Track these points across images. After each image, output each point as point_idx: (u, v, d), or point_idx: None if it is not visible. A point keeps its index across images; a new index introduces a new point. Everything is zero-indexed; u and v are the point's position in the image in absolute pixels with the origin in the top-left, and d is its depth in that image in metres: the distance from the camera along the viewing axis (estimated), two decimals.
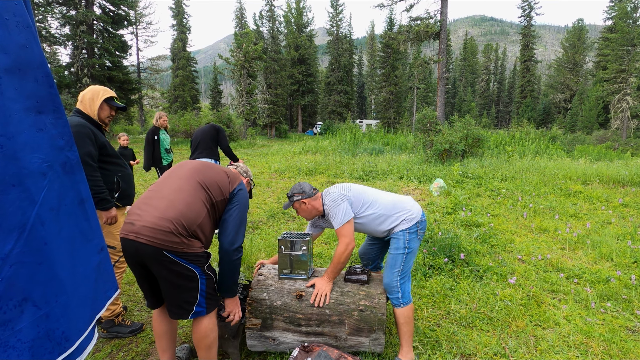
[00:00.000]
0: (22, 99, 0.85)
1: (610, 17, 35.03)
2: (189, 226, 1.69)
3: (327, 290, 2.14)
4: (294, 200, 2.26)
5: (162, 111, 5.81)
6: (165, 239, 1.61)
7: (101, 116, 2.41)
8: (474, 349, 2.36)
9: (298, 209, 2.29)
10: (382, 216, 2.20)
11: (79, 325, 1.00)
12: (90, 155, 2.21)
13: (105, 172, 2.35)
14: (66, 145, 0.97)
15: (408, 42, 20.18)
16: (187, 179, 1.85)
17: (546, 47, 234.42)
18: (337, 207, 2.14)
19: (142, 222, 1.64)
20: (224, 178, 1.95)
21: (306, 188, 2.27)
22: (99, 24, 22.75)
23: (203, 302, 1.78)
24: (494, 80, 60.26)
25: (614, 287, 3.13)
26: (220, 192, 1.88)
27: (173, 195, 1.76)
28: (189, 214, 1.70)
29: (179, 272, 1.68)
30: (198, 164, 1.99)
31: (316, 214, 2.32)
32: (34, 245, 0.86)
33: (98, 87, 2.43)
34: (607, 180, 7.66)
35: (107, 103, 2.42)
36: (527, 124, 23.63)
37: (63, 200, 0.95)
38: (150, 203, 1.74)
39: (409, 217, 2.18)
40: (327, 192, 2.28)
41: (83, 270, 1.02)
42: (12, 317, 0.82)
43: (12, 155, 0.82)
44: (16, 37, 0.85)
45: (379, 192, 2.32)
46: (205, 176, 1.89)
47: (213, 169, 1.98)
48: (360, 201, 2.21)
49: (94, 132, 2.29)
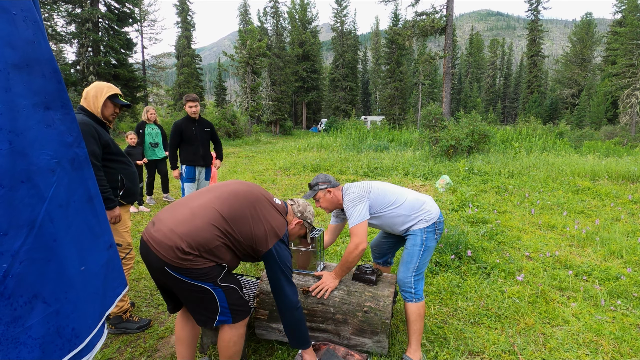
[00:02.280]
0: (30, 94, 0.84)
1: (619, 11, 34.42)
2: (198, 247, 1.54)
3: (330, 286, 2.15)
4: (318, 189, 2.23)
5: (151, 107, 5.85)
6: (170, 252, 1.50)
7: (105, 114, 2.37)
8: (482, 347, 2.34)
9: (321, 198, 2.25)
10: (400, 216, 2.18)
11: (89, 322, 1.00)
12: (94, 154, 2.19)
13: (110, 171, 2.34)
14: (75, 142, 0.97)
15: (413, 37, 20.02)
16: (214, 201, 1.66)
17: (553, 41, 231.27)
18: (354, 208, 2.12)
19: (158, 227, 1.56)
20: (263, 228, 1.69)
21: (330, 178, 2.26)
22: (104, 21, 22.82)
23: (227, 312, 1.67)
24: (501, 76, 59.56)
25: (624, 284, 3.09)
26: (252, 239, 1.67)
27: (197, 210, 1.62)
28: (197, 238, 1.55)
29: (189, 289, 1.58)
30: (244, 190, 1.77)
31: (337, 205, 2.30)
32: (43, 241, 0.85)
33: (102, 83, 2.38)
34: (616, 176, 7.56)
35: (111, 100, 2.37)
36: (534, 119, 23.38)
37: (72, 196, 0.95)
38: (175, 209, 1.65)
39: (427, 217, 2.17)
40: (347, 189, 2.24)
41: (92, 267, 1.02)
42: (22, 314, 0.82)
43: (21, 151, 0.81)
44: (24, 32, 0.84)
45: (400, 192, 2.25)
46: (240, 214, 1.66)
47: (257, 205, 1.73)
48: (380, 203, 2.19)
49: (97, 130, 2.26)
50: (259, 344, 2.34)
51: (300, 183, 7.84)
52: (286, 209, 1.96)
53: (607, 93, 32.21)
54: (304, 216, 2.04)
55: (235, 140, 20.07)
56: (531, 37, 46.75)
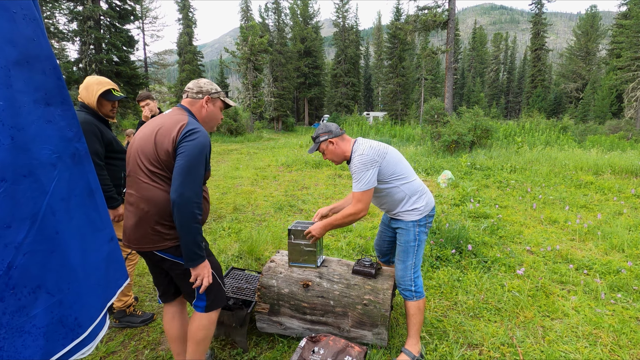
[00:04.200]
0: (31, 91, 0.86)
1: (625, 3, 33.96)
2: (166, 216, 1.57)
3: (315, 234, 2.18)
4: (320, 141, 2.09)
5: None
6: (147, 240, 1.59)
7: (103, 111, 2.31)
8: (481, 339, 2.36)
9: (325, 150, 2.12)
10: (402, 193, 2.09)
11: (91, 312, 1.02)
12: (97, 153, 2.18)
13: (113, 168, 2.34)
14: (75, 137, 0.99)
15: (415, 32, 19.88)
16: (137, 159, 1.61)
17: (558, 35, 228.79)
18: (363, 172, 1.97)
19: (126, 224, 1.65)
20: (168, 139, 1.55)
21: (332, 127, 2.11)
22: (106, 19, 22.84)
23: (203, 297, 1.72)
24: (504, 70, 59.12)
25: (625, 278, 3.10)
26: (166, 153, 1.55)
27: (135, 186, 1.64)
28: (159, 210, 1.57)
29: (170, 267, 1.67)
30: (142, 135, 1.65)
31: (344, 158, 2.13)
32: (45, 234, 0.88)
33: (92, 80, 2.26)
34: (620, 170, 7.52)
35: (104, 98, 2.27)
36: (538, 114, 23.17)
37: (73, 190, 0.97)
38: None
39: (423, 208, 2.12)
40: (360, 146, 2.06)
41: (94, 259, 1.05)
42: (26, 304, 0.85)
43: (22, 146, 0.84)
44: (24, 30, 0.86)
45: (411, 170, 2.19)
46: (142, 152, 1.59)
47: (144, 137, 1.61)
48: (390, 172, 2.05)
49: (100, 129, 2.23)
50: (260, 337, 2.37)
51: (302, 179, 7.86)
52: (188, 108, 1.76)
53: (611, 87, 31.86)
54: (203, 91, 1.77)
55: (237, 137, 20.10)
56: (535, 30, 46.26)
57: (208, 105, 1.79)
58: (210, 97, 1.79)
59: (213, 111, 1.82)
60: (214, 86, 1.83)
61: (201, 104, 1.77)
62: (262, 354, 2.22)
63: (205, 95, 1.77)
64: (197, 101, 1.77)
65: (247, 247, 3.68)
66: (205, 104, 1.77)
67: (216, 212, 5.31)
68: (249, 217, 5.10)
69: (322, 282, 2.22)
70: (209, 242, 4.04)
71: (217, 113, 1.85)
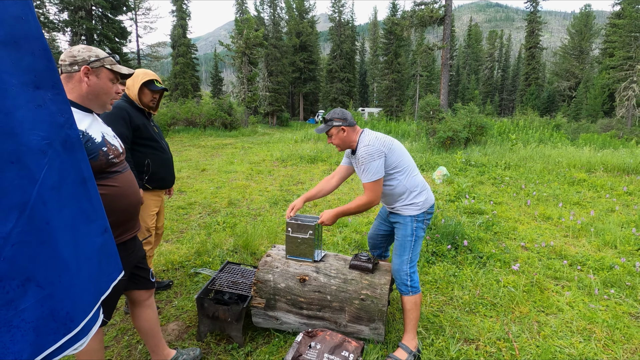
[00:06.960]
0: (18, 72, 0.81)
1: (618, 3, 34.26)
2: None
3: (328, 221, 2.20)
4: (332, 124, 2.08)
5: None
6: None
7: (143, 101, 2.39)
8: (477, 334, 2.36)
9: (334, 135, 2.12)
10: (402, 186, 2.10)
11: (84, 306, 0.98)
12: (122, 136, 2.18)
13: (137, 154, 2.35)
14: (66, 123, 0.94)
15: (412, 27, 19.84)
16: None
17: (552, 33, 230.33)
18: (370, 163, 1.99)
19: None
20: None
21: (348, 115, 2.10)
22: (98, 9, 22.39)
23: None
24: (498, 68, 59.35)
25: (618, 274, 3.13)
26: None
27: None
28: None
29: None
30: None
31: (349, 146, 2.17)
32: (35, 224, 0.83)
33: (139, 70, 2.38)
34: (612, 168, 7.60)
35: (147, 87, 2.37)
36: (531, 112, 23.37)
37: (64, 179, 0.93)
38: None
39: (422, 204, 2.12)
40: (366, 137, 2.09)
41: (86, 251, 1.01)
42: (15, 297, 0.80)
43: (9, 131, 0.79)
44: (10, 8, 0.81)
45: (414, 164, 2.20)
46: None
47: None
48: (393, 163, 2.07)
49: (130, 113, 2.29)
50: (256, 332, 2.35)
51: (297, 174, 7.82)
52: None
53: (604, 86, 32.20)
54: (78, 61, 1.42)
55: (232, 131, 19.92)
56: (530, 28, 46.46)
57: (90, 77, 1.43)
58: (90, 66, 1.42)
59: (97, 84, 1.45)
60: (94, 52, 1.46)
61: (79, 78, 1.42)
62: (258, 349, 2.20)
63: (83, 66, 1.41)
64: (73, 75, 1.42)
65: (242, 241, 3.64)
66: (84, 77, 1.42)
67: (211, 206, 5.26)
68: (244, 211, 5.06)
69: (319, 277, 2.20)
70: (204, 236, 4.00)
71: (106, 85, 1.48)
